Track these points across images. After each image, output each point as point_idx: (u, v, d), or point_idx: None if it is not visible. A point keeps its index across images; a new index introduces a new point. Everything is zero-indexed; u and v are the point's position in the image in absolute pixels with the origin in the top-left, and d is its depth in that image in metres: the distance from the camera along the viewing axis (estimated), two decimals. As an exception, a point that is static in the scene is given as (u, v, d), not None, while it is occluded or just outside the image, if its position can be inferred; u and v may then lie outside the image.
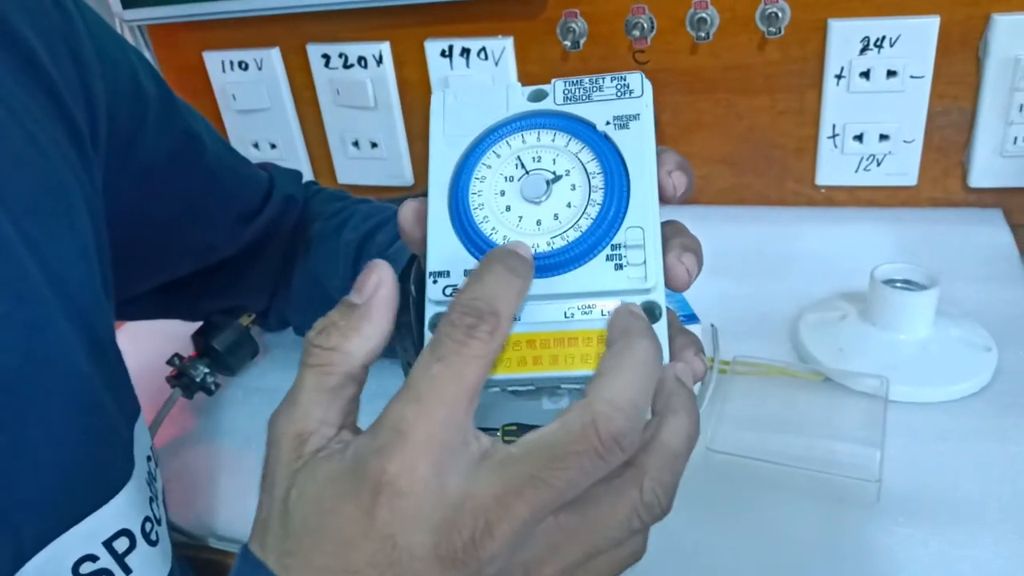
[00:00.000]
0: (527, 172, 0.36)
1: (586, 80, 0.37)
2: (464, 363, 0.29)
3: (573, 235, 0.34)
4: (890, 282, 0.66)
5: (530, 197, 0.35)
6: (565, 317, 0.34)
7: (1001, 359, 0.63)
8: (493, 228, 0.35)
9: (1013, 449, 0.57)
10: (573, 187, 0.35)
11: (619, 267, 0.34)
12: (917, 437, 0.59)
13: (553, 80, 0.37)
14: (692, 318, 0.67)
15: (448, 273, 0.35)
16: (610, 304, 0.34)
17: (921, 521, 0.52)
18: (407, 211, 0.36)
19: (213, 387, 0.71)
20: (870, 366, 0.63)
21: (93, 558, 0.41)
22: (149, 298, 0.64)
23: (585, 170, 0.36)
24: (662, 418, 0.31)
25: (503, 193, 0.36)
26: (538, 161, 0.36)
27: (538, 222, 0.35)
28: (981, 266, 0.77)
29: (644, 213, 0.35)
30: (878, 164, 0.84)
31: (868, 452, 0.57)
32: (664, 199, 0.35)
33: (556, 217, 0.35)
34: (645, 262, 0.34)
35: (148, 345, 0.74)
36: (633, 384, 0.29)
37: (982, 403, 0.61)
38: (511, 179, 0.36)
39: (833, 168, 0.86)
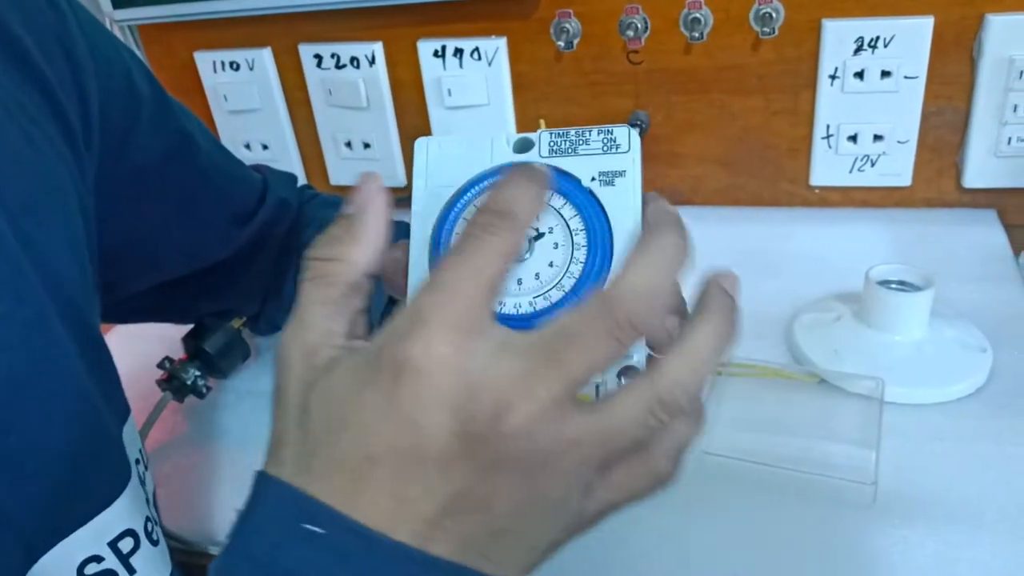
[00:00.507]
0: None
1: (572, 132, 0.36)
2: (483, 257, 0.29)
3: (556, 295, 0.34)
4: (885, 283, 0.66)
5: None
6: None
7: (996, 360, 0.63)
8: None
9: (1009, 450, 0.56)
10: (556, 245, 0.35)
11: None
12: (912, 439, 0.58)
13: (539, 131, 0.36)
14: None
15: None
16: None
17: (917, 523, 0.52)
18: (388, 261, 0.36)
19: (204, 390, 0.70)
20: (865, 367, 0.63)
21: (98, 559, 0.41)
22: (140, 300, 0.63)
23: (568, 227, 0.35)
24: (692, 319, 0.31)
25: None
26: None
27: (519, 281, 0.34)
28: (975, 267, 0.76)
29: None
30: (872, 164, 0.84)
31: (864, 454, 0.57)
32: None
33: (537, 277, 0.34)
34: None
35: (138, 348, 0.73)
36: (652, 270, 0.30)
37: (978, 404, 0.61)
38: None
39: (827, 169, 0.86)
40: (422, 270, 0.35)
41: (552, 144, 0.36)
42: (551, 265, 0.34)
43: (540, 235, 0.35)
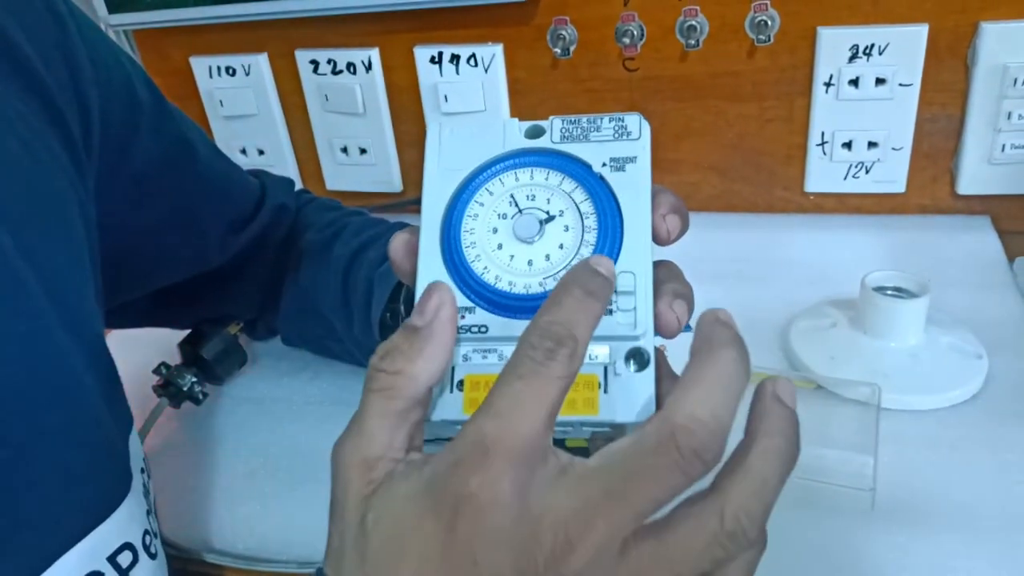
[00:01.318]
0: (520, 211, 0.36)
1: (584, 119, 0.36)
2: (545, 382, 0.29)
3: None
4: (880, 289, 0.66)
5: (523, 237, 0.35)
6: None
7: (992, 366, 0.63)
8: (484, 267, 0.35)
9: (1006, 457, 0.57)
10: (566, 228, 0.35)
11: (609, 312, 0.34)
12: (909, 445, 0.59)
13: (551, 117, 0.37)
14: (684, 327, 0.66)
15: None
16: (598, 349, 0.34)
17: (915, 529, 0.52)
18: (398, 243, 0.36)
19: (201, 396, 0.70)
20: (861, 374, 0.63)
21: (98, 574, 0.40)
22: (137, 306, 0.63)
23: (579, 211, 0.35)
24: (753, 438, 0.30)
25: (495, 231, 0.36)
26: (532, 200, 0.36)
27: (529, 262, 0.35)
28: (970, 273, 0.77)
29: (637, 258, 0.35)
30: (867, 171, 0.84)
31: (861, 460, 0.57)
32: (658, 242, 0.36)
33: (548, 258, 0.35)
34: (635, 308, 0.34)
35: (134, 353, 0.72)
36: (715, 395, 0.29)
37: (974, 410, 0.61)
38: (504, 217, 0.36)
39: (822, 175, 0.86)
40: (432, 252, 0.36)
41: (564, 130, 0.37)
42: (561, 247, 0.35)
43: (551, 217, 0.36)
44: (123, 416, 0.46)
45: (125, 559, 0.42)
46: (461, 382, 0.34)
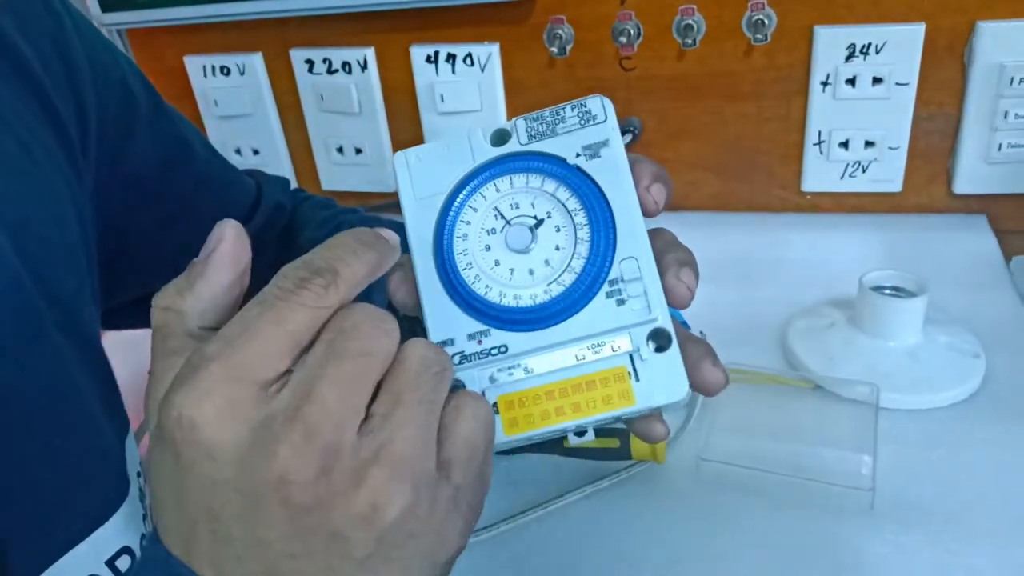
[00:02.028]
0: (508, 222, 0.35)
1: (547, 113, 0.36)
2: (287, 307, 0.28)
3: (568, 278, 0.34)
4: (878, 289, 0.66)
5: (517, 248, 0.35)
6: (577, 360, 0.34)
7: (989, 365, 0.64)
8: (487, 287, 0.35)
9: (1004, 456, 0.57)
10: (557, 228, 0.35)
11: (621, 302, 0.34)
12: (908, 444, 0.59)
13: (513, 119, 0.36)
14: (683, 325, 0.66)
15: (453, 341, 0.34)
16: (619, 340, 0.34)
17: (914, 529, 0.52)
18: (395, 284, 0.36)
19: (196, 398, 0.69)
20: (860, 373, 0.63)
21: None
22: (134, 307, 0.61)
23: (565, 208, 0.35)
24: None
25: (488, 248, 0.35)
26: (516, 208, 0.35)
27: (530, 271, 0.35)
28: (967, 272, 0.77)
29: (634, 241, 0.34)
30: (863, 170, 0.84)
31: (860, 460, 0.57)
32: (647, 214, 0.35)
33: (547, 263, 0.35)
34: (645, 292, 0.34)
35: (130, 355, 0.72)
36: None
37: (972, 409, 0.61)
38: (493, 231, 0.35)
39: (819, 175, 0.86)
40: (431, 283, 0.35)
41: (529, 129, 0.36)
42: (558, 249, 0.35)
43: (540, 221, 0.35)
44: (119, 419, 0.46)
45: (124, 563, 0.42)
46: (495, 404, 0.34)
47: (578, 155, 0.35)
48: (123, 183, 0.53)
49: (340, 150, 0.98)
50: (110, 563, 0.41)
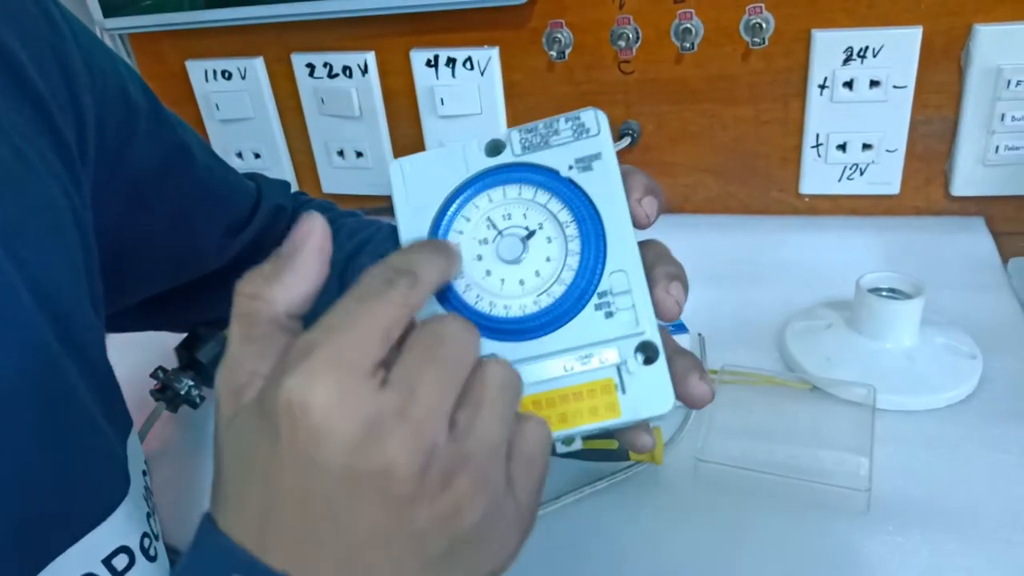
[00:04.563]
0: (500, 232, 0.36)
1: (541, 125, 0.36)
2: (379, 303, 0.29)
3: (558, 290, 0.35)
4: (876, 291, 0.66)
5: (508, 258, 0.35)
6: (565, 371, 0.34)
7: (986, 367, 0.64)
8: (477, 296, 0.35)
9: (1001, 457, 0.57)
10: (549, 240, 0.35)
11: (609, 315, 0.34)
12: (905, 445, 0.59)
13: (508, 130, 0.36)
14: (680, 328, 0.67)
15: None
16: (607, 352, 0.34)
17: (911, 530, 0.53)
18: None
19: (198, 400, 0.70)
20: (857, 374, 0.64)
21: None
22: (135, 310, 0.63)
23: (557, 220, 0.35)
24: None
25: (480, 258, 0.36)
26: (509, 219, 0.36)
27: (521, 282, 0.35)
28: (964, 274, 0.77)
29: (624, 255, 0.35)
30: (861, 173, 0.85)
31: (857, 461, 0.57)
32: (638, 227, 0.35)
33: (538, 274, 0.35)
34: (634, 306, 0.34)
35: (131, 357, 0.73)
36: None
37: (969, 411, 0.61)
38: (485, 242, 0.36)
39: (817, 177, 0.86)
40: None
41: (523, 141, 0.36)
42: (548, 260, 0.35)
43: (531, 233, 0.35)
44: (121, 419, 0.46)
45: (121, 562, 0.42)
46: None
47: (571, 167, 0.35)
48: (123, 189, 0.53)
49: (341, 153, 0.98)
50: (107, 562, 0.41)
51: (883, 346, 0.65)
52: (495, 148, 0.36)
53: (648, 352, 0.34)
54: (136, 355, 0.74)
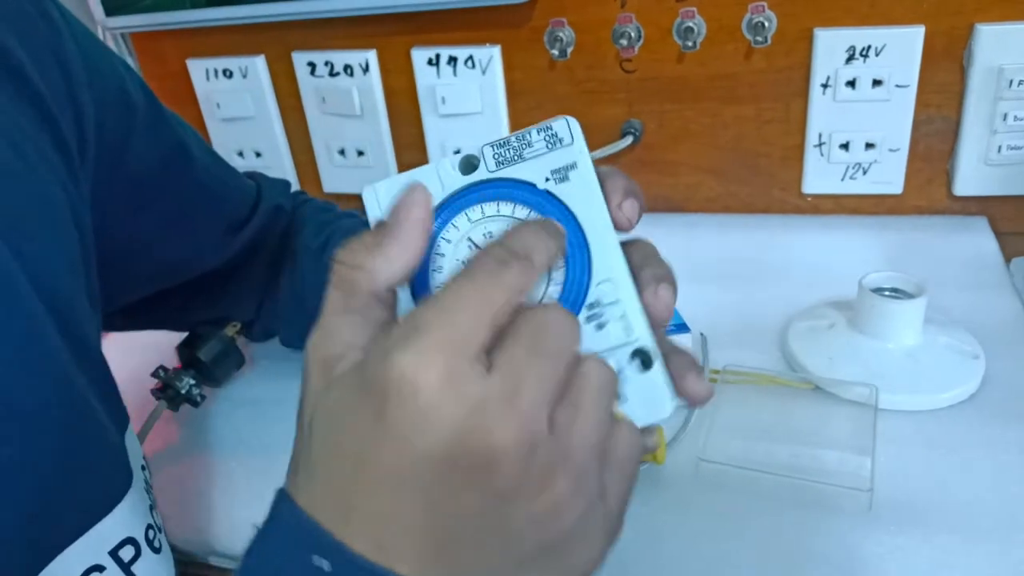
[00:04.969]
0: None
1: (513, 139, 0.35)
2: (492, 286, 0.28)
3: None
4: (878, 290, 0.66)
5: None
6: None
7: (989, 367, 0.63)
8: None
9: (1003, 457, 0.57)
10: None
11: (601, 327, 0.34)
12: (907, 445, 0.59)
13: (481, 146, 0.35)
14: (682, 327, 0.67)
15: None
16: None
17: (913, 530, 0.52)
18: None
19: (199, 399, 0.70)
20: (859, 374, 0.63)
21: (100, 568, 0.41)
22: (135, 309, 0.63)
23: None
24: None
25: None
26: (490, 237, 0.35)
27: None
28: (967, 274, 0.77)
29: (609, 264, 0.34)
30: (864, 172, 0.84)
31: (859, 461, 0.57)
32: (621, 231, 0.35)
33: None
34: (624, 315, 0.34)
35: (133, 357, 0.73)
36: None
37: (971, 411, 0.61)
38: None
39: (819, 176, 0.86)
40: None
41: (497, 156, 0.35)
42: None
43: None
44: (118, 415, 0.46)
45: (127, 553, 0.42)
46: None
47: (547, 179, 0.35)
48: (122, 188, 0.53)
49: (342, 152, 0.98)
50: (113, 553, 0.42)
51: (885, 346, 0.65)
52: (469, 165, 0.35)
53: (643, 359, 0.34)
54: (137, 354, 0.74)
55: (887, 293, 0.66)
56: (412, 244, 0.32)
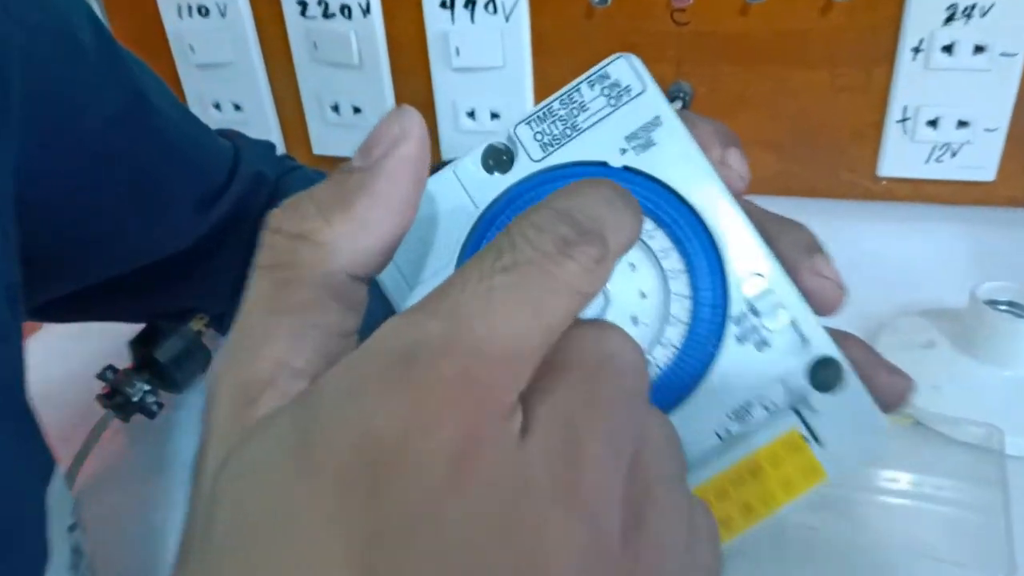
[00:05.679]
0: None
1: (556, 104, 0.25)
2: (548, 286, 0.18)
3: (675, 334, 0.25)
4: (991, 303, 0.56)
5: (583, 316, 0.25)
6: (721, 440, 0.25)
7: None
8: None
9: None
10: (632, 266, 0.25)
11: (763, 344, 0.25)
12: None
13: (511, 128, 0.25)
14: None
15: None
16: (772, 395, 0.25)
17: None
18: None
19: (155, 408, 0.62)
20: (972, 409, 0.53)
21: None
22: (81, 297, 0.56)
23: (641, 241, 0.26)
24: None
25: None
26: None
27: None
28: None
29: (747, 250, 0.25)
30: (952, 155, 0.75)
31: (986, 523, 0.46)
32: (737, 196, 0.26)
33: (635, 321, 0.25)
34: (792, 318, 0.25)
35: (74, 354, 0.64)
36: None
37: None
38: None
39: (899, 157, 0.76)
40: None
41: (539, 135, 0.25)
42: (643, 296, 0.25)
43: None
44: (38, 462, 0.38)
45: None
46: None
47: (623, 151, 0.25)
48: (66, 151, 0.46)
49: (335, 108, 0.91)
50: None
51: (1002, 374, 0.55)
52: (499, 160, 0.26)
53: (829, 374, 0.25)
54: (81, 349, 0.65)
55: (1002, 307, 0.56)
56: (396, 201, 0.21)
